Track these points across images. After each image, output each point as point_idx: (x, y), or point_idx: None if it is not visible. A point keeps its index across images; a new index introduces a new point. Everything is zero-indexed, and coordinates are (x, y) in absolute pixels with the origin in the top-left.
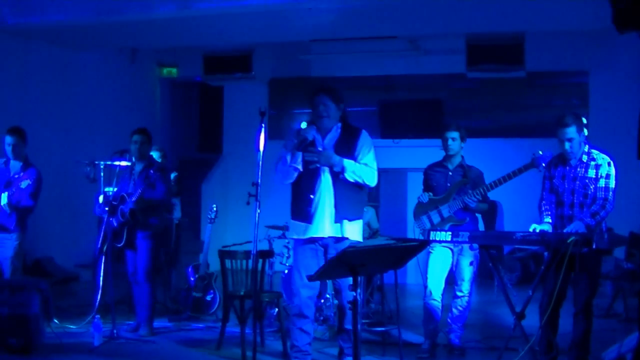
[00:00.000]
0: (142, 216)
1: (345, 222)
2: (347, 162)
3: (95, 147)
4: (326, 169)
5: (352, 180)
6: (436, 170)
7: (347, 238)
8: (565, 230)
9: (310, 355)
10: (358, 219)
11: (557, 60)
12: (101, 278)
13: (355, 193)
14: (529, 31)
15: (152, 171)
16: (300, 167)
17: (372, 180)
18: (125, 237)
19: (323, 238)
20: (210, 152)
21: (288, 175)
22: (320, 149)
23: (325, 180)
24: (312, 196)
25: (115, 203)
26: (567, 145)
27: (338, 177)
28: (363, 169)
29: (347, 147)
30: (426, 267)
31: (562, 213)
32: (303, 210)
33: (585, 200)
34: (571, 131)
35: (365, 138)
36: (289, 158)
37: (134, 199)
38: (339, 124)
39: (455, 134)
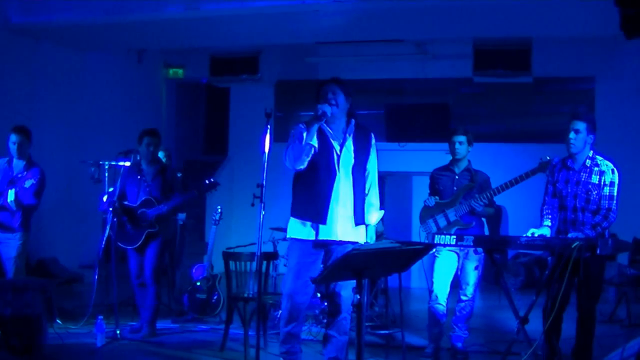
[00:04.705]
0: (164, 222)
1: (360, 226)
2: (374, 227)
3: (100, 148)
4: (344, 166)
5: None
6: (443, 174)
7: (358, 244)
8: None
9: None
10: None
11: (564, 67)
12: (96, 278)
13: (365, 195)
14: (536, 37)
15: (168, 176)
16: (316, 145)
17: None
18: (143, 239)
19: (334, 242)
20: (216, 154)
21: (301, 155)
22: (333, 141)
23: (346, 178)
24: (328, 193)
25: (133, 205)
26: (572, 134)
27: (357, 177)
28: (378, 203)
29: (363, 147)
30: (432, 271)
31: (565, 217)
32: (315, 208)
33: (587, 205)
34: (579, 124)
35: (374, 144)
36: (305, 135)
37: (167, 207)
38: (353, 120)
39: (462, 138)
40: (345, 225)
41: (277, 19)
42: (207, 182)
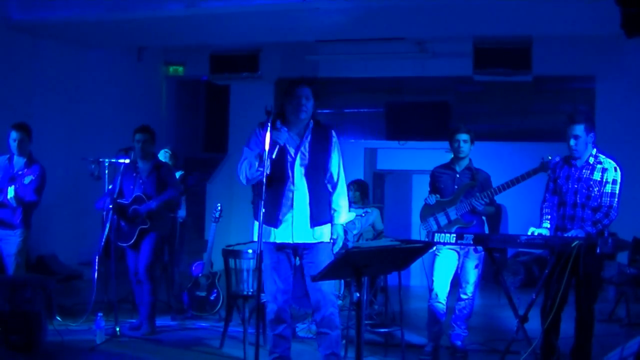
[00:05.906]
0: (157, 218)
1: (319, 227)
2: (341, 225)
3: (100, 145)
4: (298, 170)
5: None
6: (443, 172)
7: (322, 242)
8: (565, 235)
9: None
10: (329, 221)
11: (565, 65)
12: (95, 275)
13: (327, 195)
14: (536, 35)
15: (163, 173)
16: (269, 171)
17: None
18: (136, 236)
19: (290, 244)
20: (216, 152)
21: (255, 179)
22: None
23: (298, 181)
24: (281, 198)
25: (126, 202)
26: (572, 141)
27: (312, 179)
28: (346, 205)
29: (321, 148)
30: (432, 270)
31: (564, 213)
32: (269, 212)
33: (588, 201)
34: (578, 128)
35: (336, 142)
36: (257, 164)
37: (157, 203)
38: (311, 122)
39: (466, 136)
40: (301, 227)
41: (277, 16)
42: (193, 182)
